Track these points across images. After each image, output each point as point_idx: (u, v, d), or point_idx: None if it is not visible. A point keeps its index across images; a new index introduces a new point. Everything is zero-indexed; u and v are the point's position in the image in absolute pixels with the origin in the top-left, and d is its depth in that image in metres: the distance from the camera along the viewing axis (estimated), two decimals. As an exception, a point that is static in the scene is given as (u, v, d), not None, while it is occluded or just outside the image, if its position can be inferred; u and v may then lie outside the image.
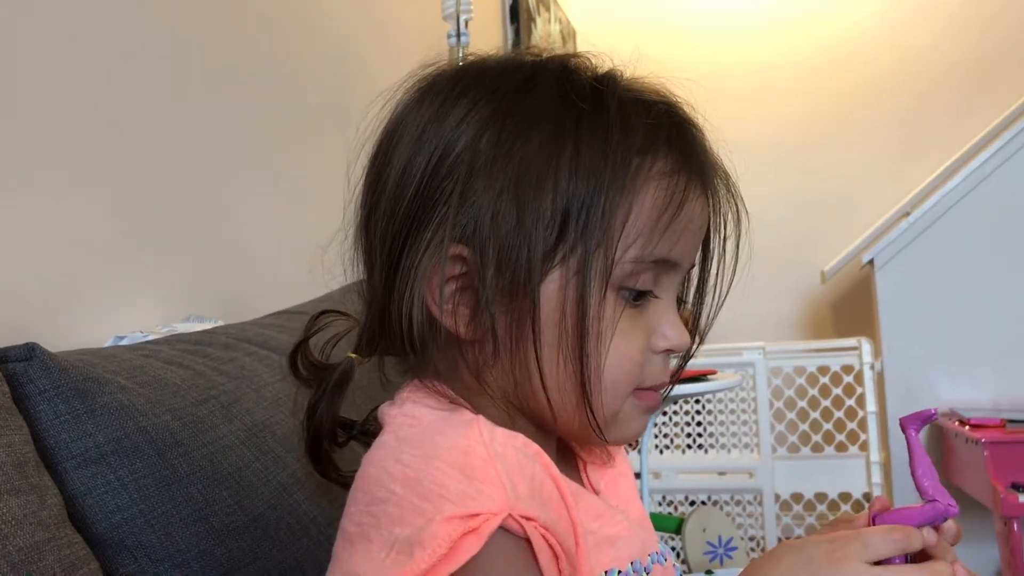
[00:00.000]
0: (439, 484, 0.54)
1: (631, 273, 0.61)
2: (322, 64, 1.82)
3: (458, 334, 0.61)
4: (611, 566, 0.62)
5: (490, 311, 0.59)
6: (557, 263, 0.59)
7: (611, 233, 0.59)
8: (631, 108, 0.61)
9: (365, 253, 0.66)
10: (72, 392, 0.74)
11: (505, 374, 0.62)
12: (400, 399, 0.64)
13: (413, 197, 0.61)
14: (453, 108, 0.62)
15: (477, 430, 0.57)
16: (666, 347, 0.64)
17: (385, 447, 0.60)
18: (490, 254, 0.59)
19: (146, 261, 1.22)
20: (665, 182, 0.61)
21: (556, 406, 0.61)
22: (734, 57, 3.54)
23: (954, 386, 2.83)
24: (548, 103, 0.61)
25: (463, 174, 0.60)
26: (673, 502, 2.85)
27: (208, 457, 0.81)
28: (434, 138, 0.62)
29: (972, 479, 2.56)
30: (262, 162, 1.55)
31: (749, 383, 2.78)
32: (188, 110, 1.35)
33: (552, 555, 0.55)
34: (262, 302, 1.37)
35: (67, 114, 1.09)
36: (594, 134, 0.59)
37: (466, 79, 0.64)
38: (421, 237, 0.60)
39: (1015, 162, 2.80)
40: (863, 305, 3.22)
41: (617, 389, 0.62)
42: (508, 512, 0.53)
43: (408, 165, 0.62)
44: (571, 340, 0.59)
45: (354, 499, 0.59)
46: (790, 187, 3.41)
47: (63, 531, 0.67)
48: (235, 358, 0.96)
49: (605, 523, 0.63)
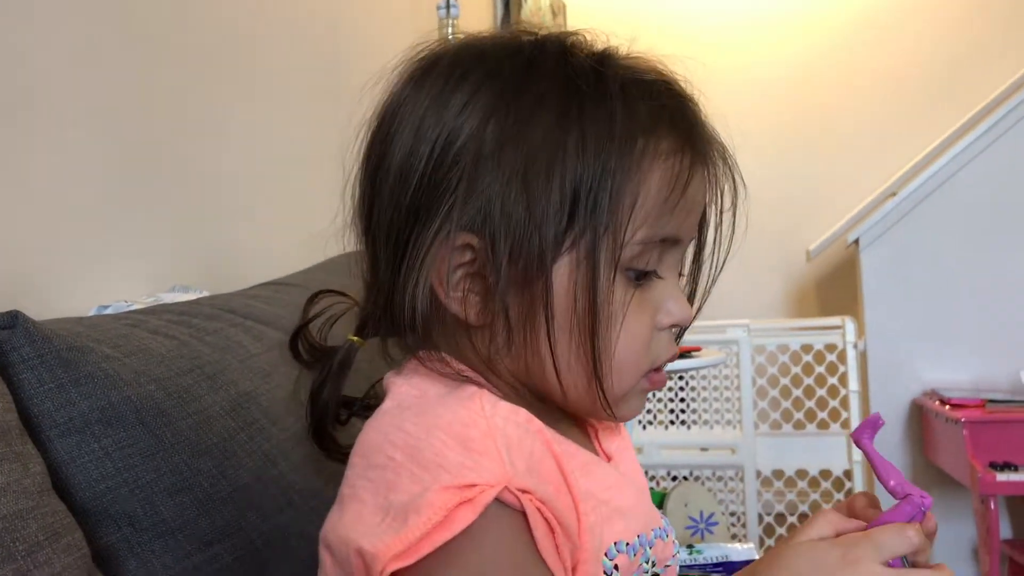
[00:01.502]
0: (439, 455, 0.54)
1: (639, 254, 0.61)
2: (312, 33, 1.80)
3: (467, 321, 0.62)
4: (619, 538, 0.63)
5: (503, 299, 0.60)
6: (567, 248, 0.60)
7: (620, 216, 0.60)
8: (632, 89, 0.62)
9: (365, 238, 0.66)
10: (56, 361, 0.73)
11: (516, 359, 0.62)
12: (408, 369, 0.65)
13: (418, 187, 0.61)
14: (454, 94, 0.62)
15: (479, 403, 0.57)
16: (671, 322, 0.65)
17: (387, 414, 0.60)
18: (501, 243, 0.59)
19: (130, 230, 1.22)
20: (671, 162, 0.61)
21: (568, 387, 0.62)
22: (720, 36, 3.53)
23: (936, 366, 2.86)
24: (551, 87, 0.61)
25: (469, 163, 0.60)
26: (655, 477, 2.87)
27: (193, 427, 0.81)
28: (436, 126, 0.61)
29: (951, 458, 2.59)
30: (250, 132, 1.54)
31: (733, 360, 2.79)
32: (175, 78, 1.33)
33: (548, 529, 0.56)
34: (247, 273, 1.36)
35: (49, 82, 1.08)
36: (598, 118, 0.60)
37: (465, 63, 0.64)
38: (428, 226, 0.60)
39: (1000, 145, 2.81)
40: (848, 284, 3.23)
41: (628, 369, 0.63)
42: (504, 485, 0.53)
43: (411, 154, 0.62)
44: (583, 324, 0.60)
45: (352, 464, 0.60)
46: (777, 166, 3.41)
47: (47, 499, 0.67)
48: (220, 329, 0.96)
49: (616, 494, 0.64)
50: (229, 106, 1.49)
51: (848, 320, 2.79)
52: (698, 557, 1.41)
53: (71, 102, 1.12)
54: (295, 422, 0.94)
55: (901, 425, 2.90)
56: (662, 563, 0.67)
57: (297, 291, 1.16)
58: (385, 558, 0.52)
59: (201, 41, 1.42)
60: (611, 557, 0.62)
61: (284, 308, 1.08)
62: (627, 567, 0.63)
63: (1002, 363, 2.75)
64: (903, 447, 2.90)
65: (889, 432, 2.89)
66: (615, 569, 0.62)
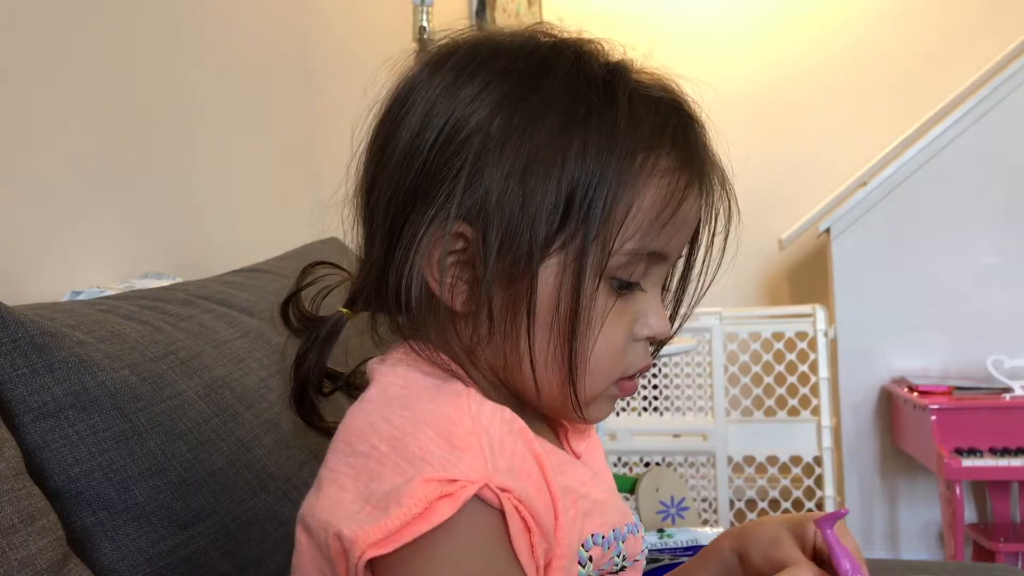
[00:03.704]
0: (423, 448, 0.55)
1: (625, 265, 0.63)
2: (282, 17, 1.80)
3: (453, 308, 0.63)
4: (597, 530, 0.65)
5: (488, 291, 0.61)
6: (556, 249, 0.61)
7: (611, 225, 0.61)
8: (639, 104, 0.63)
9: (363, 216, 0.67)
10: (29, 346, 0.74)
11: (496, 351, 0.63)
12: (393, 359, 0.65)
13: (420, 171, 0.62)
14: (467, 84, 0.63)
15: (466, 402, 0.58)
16: (648, 335, 0.66)
17: (372, 403, 0.61)
18: (493, 235, 0.60)
19: (104, 217, 1.21)
20: (667, 180, 0.63)
21: (542, 384, 0.63)
22: (694, 23, 3.55)
23: (905, 354, 2.89)
24: (560, 91, 0.62)
25: (472, 154, 0.61)
26: (628, 463, 2.89)
27: (167, 412, 0.82)
28: (445, 112, 0.62)
29: (918, 444, 2.63)
30: (222, 118, 1.54)
31: (705, 347, 2.81)
32: (147, 63, 1.33)
33: (524, 527, 0.57)
34: (220, 260, 1.36)
35: (22, 67, 1.08)
36: (602, 128, 0.61)
37: (481, 56, 0.65)
38: (425, 211, 0.61)
39: (971, 135, 2.85)
40: (819, 272, 3.27)
41: (600, 374, 0.65)
42: (485, 482, 0.54)
43: (416, 138, 0.63)
44: (562, 325, 0.61)
45: (334, 448, 0.61)
46: (750, 154, 3.43)
47: (21, 482, 0.68)
48: (194, 315, 0.96)
49: (592, 489, 0.66)
50: (202, 94, 1.48)
51: (819, 308, 2.82)
52: (668, 541, 1.43)
53: (44, 90, 1.11)
54: (268, 408, 0.95)
55: (870, 412, 2.94)
56: (632, 557, 0.69)
57: (270, 278, 1.17)
58: (364, 544, 0.53)
59: (173, 28, 1.41)
60: (587, 548, 0.64)
61: (257, 294, 1.09)
62: (600, 559, 0.65)
63: (970, 351, 2.79)
64: (872, 433, 2.94)
65: (858, 419, 2.93)
66: (589, 560, 0.64)
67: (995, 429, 2.47)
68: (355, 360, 0.72)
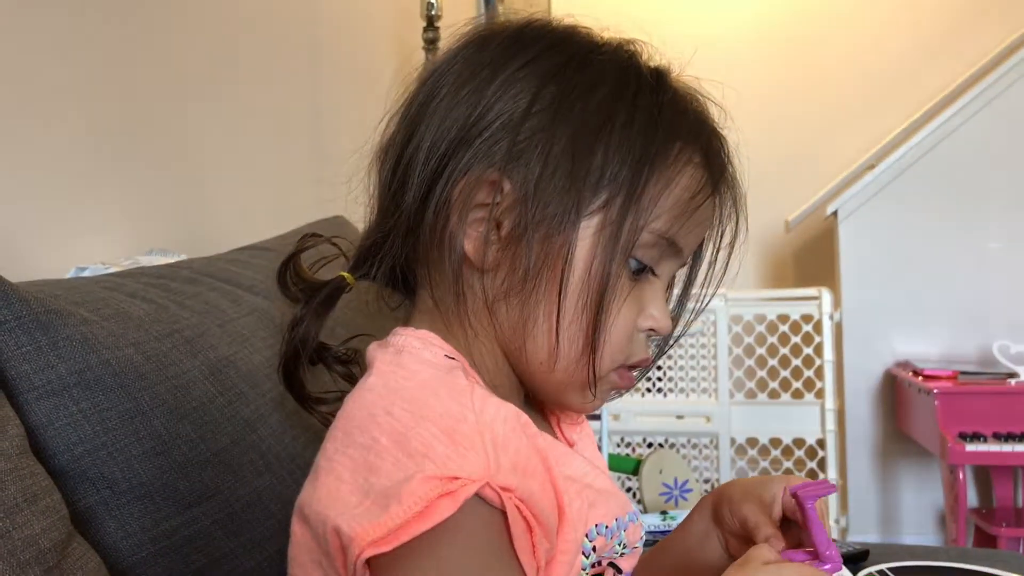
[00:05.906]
0: (426, 445, 0.55)
1: (649, 245, 0.64)
2: (291, 3, 1.78)
3: (482, 262, 0.63)
4: (601, 520, 0.65)
5: (529, 244, 0.62)
6: (596, 209, 0.62)
7: (644, 201, 0.63)
8: (686, 97, 0.67)
9: (396, 165, 0.67)
10: (34, 324, 0.73)
11: (514, 310, 0.64)
12: (394, 345, 0.65)
13: (466, 120, 0.63)
14: (518, 54, 0.65)
15: (470, 399, 0.58)
16: (650, 327, 0.67)
17: (374, 392, 0.61)
18: (534, 195, 0.62)
19: (109, 192, 1.21)
20: (697, 175, 0.65)
21: (560, 354, 0.64)
22: (699, 5, 3.52)
23: (910, 338, 2.89)
24: (612, 69, 0.65)
25: (520, 114, 0.62)
26: (631, 444, 2.89)
27: (171, 391, 0.81)
28: (499, 72, 0.64)
29: (922, 427, 2.63)
30: (228, 94, 1.53)
31: (710, 329, 2.81)
32: (154, 40, 1.32)
33: (526, 526, 0.57)
34: (226, 237, 1.36)
35: (29, 43, 1.07)
36: (648, 108, 0.64)
37: (532, 34, 0.67)
38: (467, 160, 0.63)
39: (980, 119, 2.83)
40: (825, 256, 3.25)
41: (613, 352, 0.65)
42: (486, 481, 0.54)
43: (466, 88, 0.64)
44: (592, 292, 0.62)
45: (332, 436, 0.60)
46: (757, 136, 3.40)
47: (25, 461, 0.68)
48: (199, 293, 0.96)
49: (593, 479, 0.67)
50: (208, 69, 1.47)
51: (824, 291, 2.80)
52: (671, 523, 1.43)
53: (49, 69, 1.10)
54: (273, 387, 0.94)
55: (874, 395, 2.94)
56: (631, 544, 0.69)
57: (275, 255, 1.16)
58: (363, 542, 0.52)
59: (179, 4, 1.40)
60: (591, 538, 0.64)
61: (262, 273, 1.08)
62: (603, 548, 0.65)
63: (975, 336, 2.79)
64: (876, 417, 2.94)
65: (862, 402, 2.93)
66: (593, 551, 0.64)
67: (999, 414, 2.47)
68: (347, 334, 0.72)
